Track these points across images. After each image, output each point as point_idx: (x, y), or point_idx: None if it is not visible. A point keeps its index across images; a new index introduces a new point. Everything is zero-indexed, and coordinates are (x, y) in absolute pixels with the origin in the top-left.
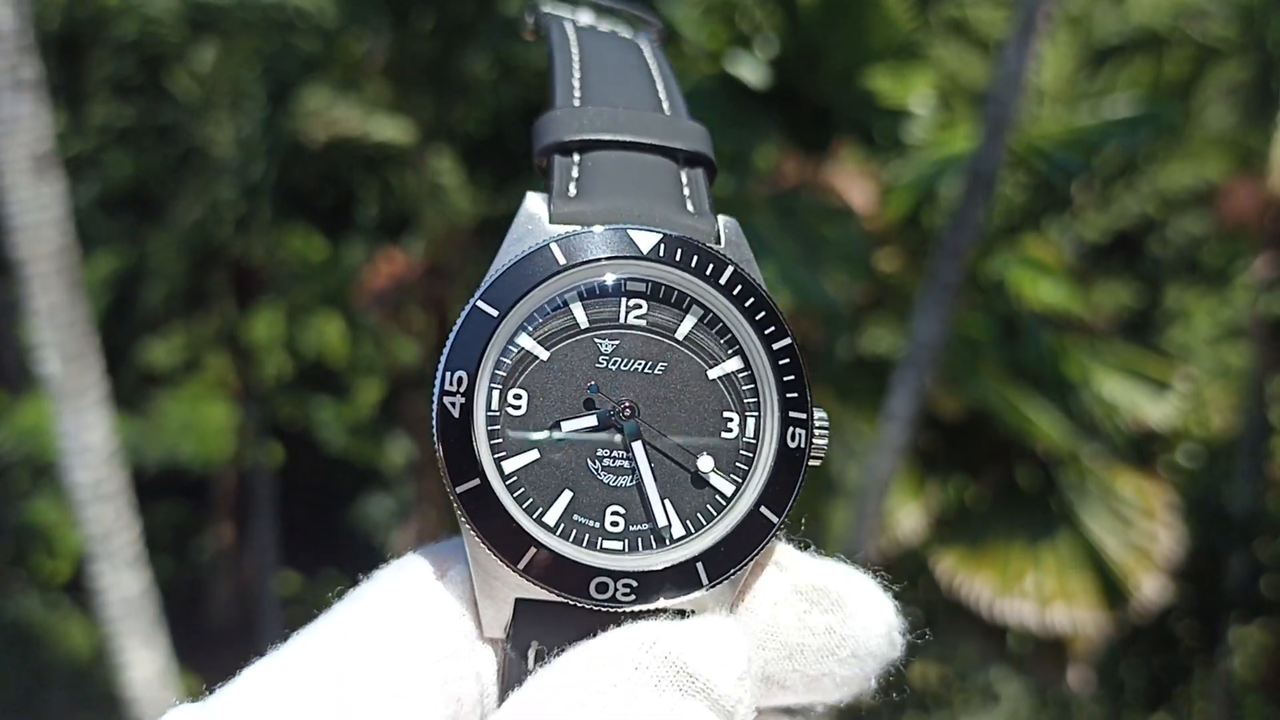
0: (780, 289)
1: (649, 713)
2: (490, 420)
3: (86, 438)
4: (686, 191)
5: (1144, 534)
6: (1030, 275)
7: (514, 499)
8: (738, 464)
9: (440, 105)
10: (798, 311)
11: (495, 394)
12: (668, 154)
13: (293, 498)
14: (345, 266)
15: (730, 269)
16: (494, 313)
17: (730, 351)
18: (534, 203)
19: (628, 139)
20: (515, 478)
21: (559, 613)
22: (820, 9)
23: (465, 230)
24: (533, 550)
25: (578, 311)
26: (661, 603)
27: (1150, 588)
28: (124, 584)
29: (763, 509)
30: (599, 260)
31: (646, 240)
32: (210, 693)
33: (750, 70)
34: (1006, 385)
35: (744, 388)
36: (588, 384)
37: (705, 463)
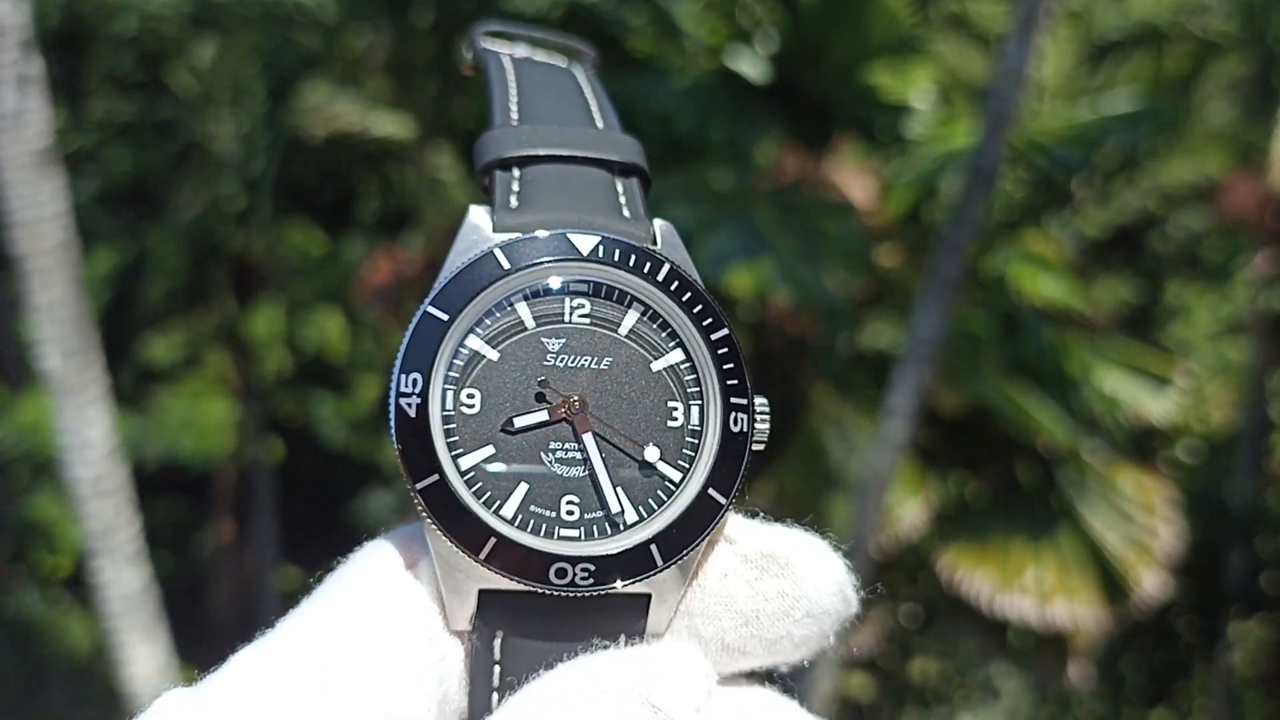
0: (781, 285)
1: None
2: (446, 420)
3: (87, 434)
4: (622, 200)
5: (1144, 529)
6: (1031, 271)
7: (472, 493)
8: (684, 450)
9: (440, 101)
10: (798, 307)
11: (449, 394)
12: (603, 165)
13: (293, 494)
14: (345, 262)
15: (667, 266)
16: (444, 317)
17: (671, 344)
18: (477, 215)
19: (563, 153)
20: (472, 473)
21: (522, 601)
22: (820, 4)
23: None
24: (492, 540)
25: (524, 312)
26: (620, 585)
27: (1150, 583)
28: (124, 580)
29: (710, 491)
30: (541, 263)
31: (586, 243)
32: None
33: (750, 65)
34: (1007, 381)
35: (686, 378)
36: (537, 380)
37: (651, 453)
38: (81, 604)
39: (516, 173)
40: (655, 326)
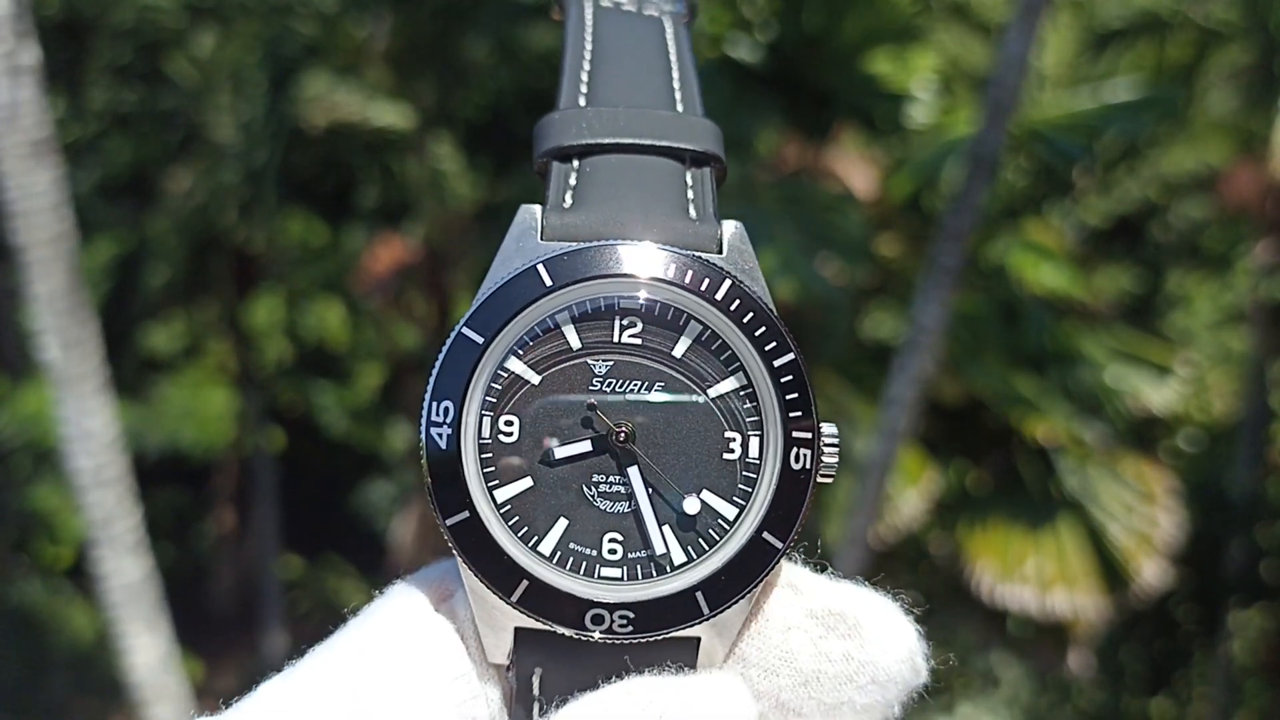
0: (782, 277)
1: None
2: (482, 449)
3: (87, 424)
4: (690, 195)
5: (1145, 519)
6: (1032, 260)
7: (508, 528)
8: (740, 486)
9: (440, 90)
10: (799, 298)
11: (486, 421)
12: (673, 155)
13: (294, 483)
14: (346, 252)
15: (728, 283)
16: (479, 339)
17: (730, 369)
18: (526, 217)
19: (629, 141)
20: (509, 506)
21: (559, 641)
22: None
23: (465, 216)
24: (525, 583)
25: (569, 333)
26: (662, 634)
27: (1151, 572)
28: (126, 570)
29: (765, 534)
30: (588, 280)
31: (638, 256)
32: (226, 705)
33: (751, 54)
34: (1008, 370)
35: (745, 406)
36: (584, 407)
37: (691, 505)
38: (83, 594)
39: (576, 164)
40: (712, 350)
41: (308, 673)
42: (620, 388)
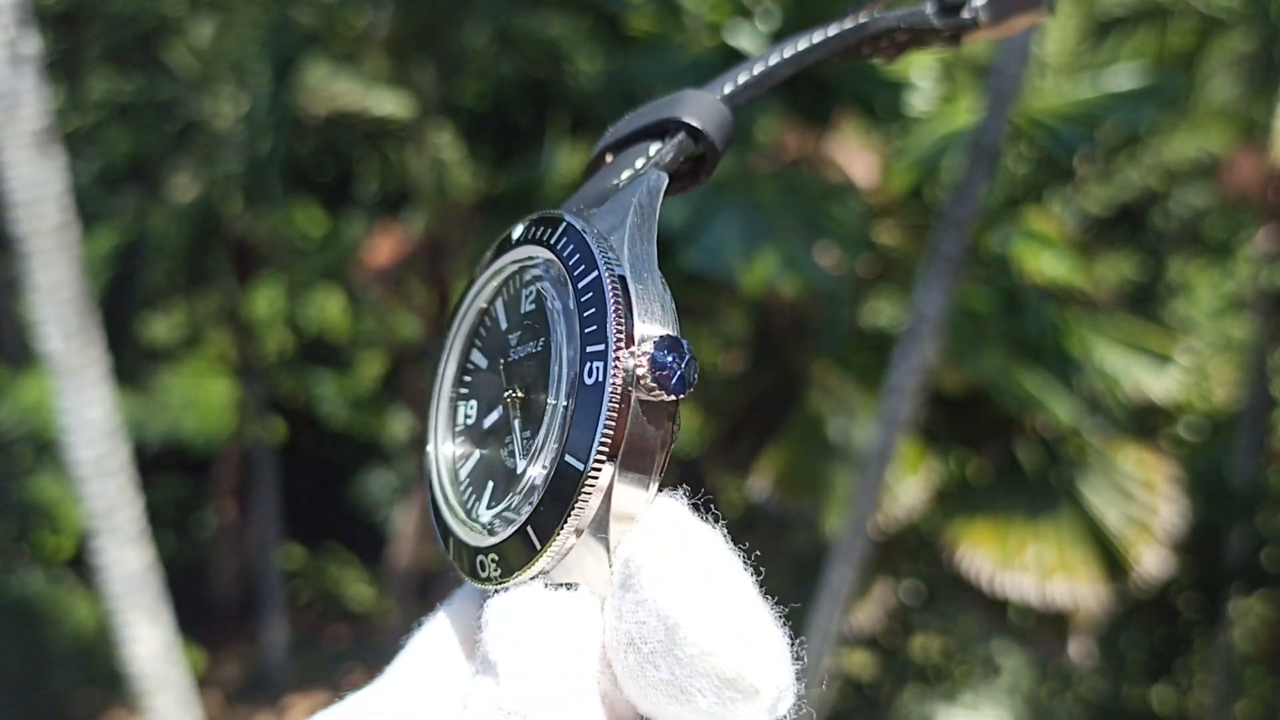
0: (784, 273)
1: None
2: (457, 434)
3: (88, 414)
4: (639, 160)
5: (1145, 507)
6: (1032, 248)
7: (463, 499)
8: None
9: (440, 79)
10: (798, 288)
11: (461, 408)
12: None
13: (295, 473)
14: (346, 241)
15: (561, 225)
16: (447, 342)
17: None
18: None
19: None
20: (468, 479)
21: None
22: None
23: (465, 205)
24: (450, 539)
25: (500, 313)
26: (520, 574)
27: (1151, 561)
28: (127, 560)
29: (567, 458)
30: (492, 264)
31: (517, 229)
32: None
33: (751, 42)
34: (1008, 358)
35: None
36: (499, 377)
37: (519, 464)
38: (84, 584)
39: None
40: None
41: (384, 680)
42: (522, 352)
